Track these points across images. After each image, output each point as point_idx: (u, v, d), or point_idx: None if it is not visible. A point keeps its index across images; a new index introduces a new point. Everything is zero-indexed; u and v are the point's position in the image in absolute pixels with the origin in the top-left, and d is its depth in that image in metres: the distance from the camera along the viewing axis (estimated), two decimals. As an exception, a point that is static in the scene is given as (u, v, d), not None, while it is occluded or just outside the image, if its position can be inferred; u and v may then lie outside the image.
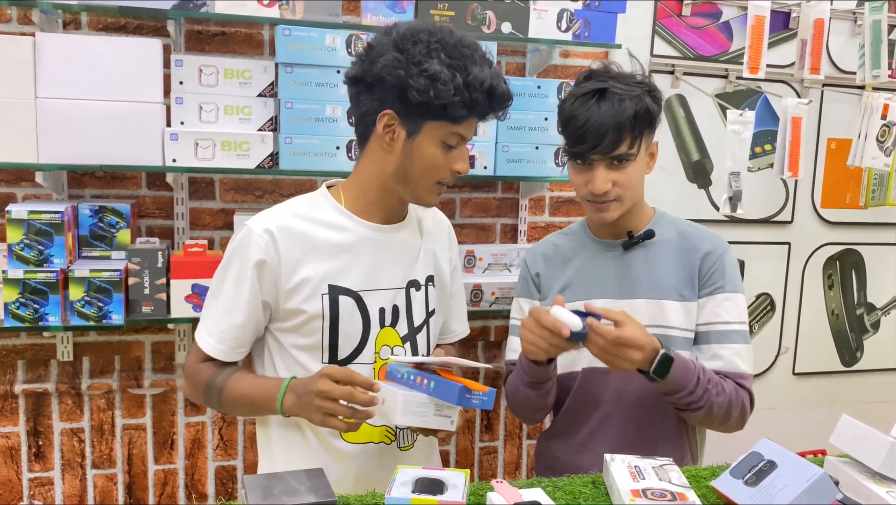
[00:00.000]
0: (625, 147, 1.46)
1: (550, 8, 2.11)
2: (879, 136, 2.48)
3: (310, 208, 1.39)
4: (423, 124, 1.30)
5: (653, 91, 1.50)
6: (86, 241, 1.95)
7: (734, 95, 2.59)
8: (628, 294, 1.55)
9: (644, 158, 1.52)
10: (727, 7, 2.55)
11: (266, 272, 1.33)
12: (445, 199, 2.38)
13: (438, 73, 1.25)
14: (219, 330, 1.37)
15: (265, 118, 1.98)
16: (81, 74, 1.82)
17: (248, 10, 1.90)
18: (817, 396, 2.93)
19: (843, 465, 1.25)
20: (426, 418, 1.25)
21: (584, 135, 1.45)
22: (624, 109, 1.44)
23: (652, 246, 1.57)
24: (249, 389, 1.35)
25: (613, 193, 1.49)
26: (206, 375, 1.38)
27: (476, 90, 1.27)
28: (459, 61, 1.27)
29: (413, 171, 1.34)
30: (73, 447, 2.15)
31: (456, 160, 1.35)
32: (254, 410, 1.38)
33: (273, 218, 1.35)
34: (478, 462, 2.53)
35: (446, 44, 1.28)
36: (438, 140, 1.32)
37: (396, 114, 1.30)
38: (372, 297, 1.38)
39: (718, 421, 1.50)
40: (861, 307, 2.95)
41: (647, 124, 1.48)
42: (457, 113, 1.28)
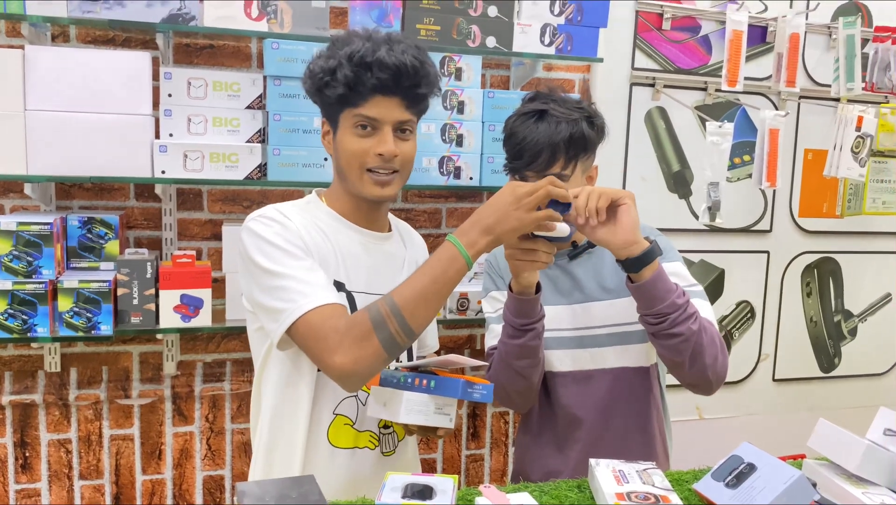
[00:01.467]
0: (558, 167, 1.52)
1: (534, 23, 2.15)
2: (854, 148, 2.55)
3: (303, 212, 1.41)
4: (339, 117, 1.37)
5: (592, 117, 1.56)
6: (74, 252, 1.96)
7: (713, 107, 2.65)
8: (581, 299, 1.62)
9: (580, 180, 1.57)
10: (706, 21, 2.61)
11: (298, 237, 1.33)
12: (432, 210, 2.41)
13: (312, 68, 1.35)
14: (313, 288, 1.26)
15: (253, 130, 2.00)
16: (70, 87, 1.83)
17: (236, 24, 1.92)
18: (797, 402, 2.98)
19: (820, 467, 1.29)
20: (428, 417, 1.29)
21: (520, 152, 1.53)
22: (559, 132, 1.51)
23: (594, 252, 1.64)
24: (422, 277, 1.24)
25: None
26: (363, 317, 1.22)
27: (345, 67, 1.30)
28: (343, 49, 1.32)
29: (342, 163, 1.39)
30: (61, 458, 2.15)
31: (377, 144, 1.34)
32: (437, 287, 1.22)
33: (278, 208, 1.38)
34: (464, 469, 2.56)
35: (338, 40, 1.35)
36: (350, 127, 1.36)
37: (325, 117, 1.41)
38: (360, 299, 1.40)
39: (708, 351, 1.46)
40: (838, 314, 3.01)
41: (582, 148, 1.54)
42: (336, 93, 1.32)
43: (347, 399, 1.41)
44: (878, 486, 1.22)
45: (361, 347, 1.21)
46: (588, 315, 1.61)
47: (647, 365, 1.64)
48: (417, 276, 1.25)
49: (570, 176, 1.54)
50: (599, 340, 1.61)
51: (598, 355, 1.61)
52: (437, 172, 2.12)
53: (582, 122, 1.53)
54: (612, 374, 1.61)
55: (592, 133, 1.55)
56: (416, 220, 2.40)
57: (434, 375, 1.31)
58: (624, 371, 1.61)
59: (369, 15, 2.02)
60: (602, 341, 1.61)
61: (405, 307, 1.21)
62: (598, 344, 1.61)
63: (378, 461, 1.45)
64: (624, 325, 1.60)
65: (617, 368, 1.61)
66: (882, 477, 1.23)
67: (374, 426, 1.45)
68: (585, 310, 1.61)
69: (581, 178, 1.57)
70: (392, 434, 1.48)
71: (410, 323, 1.22)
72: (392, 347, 1.23)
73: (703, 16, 2.60)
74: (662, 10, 2.54)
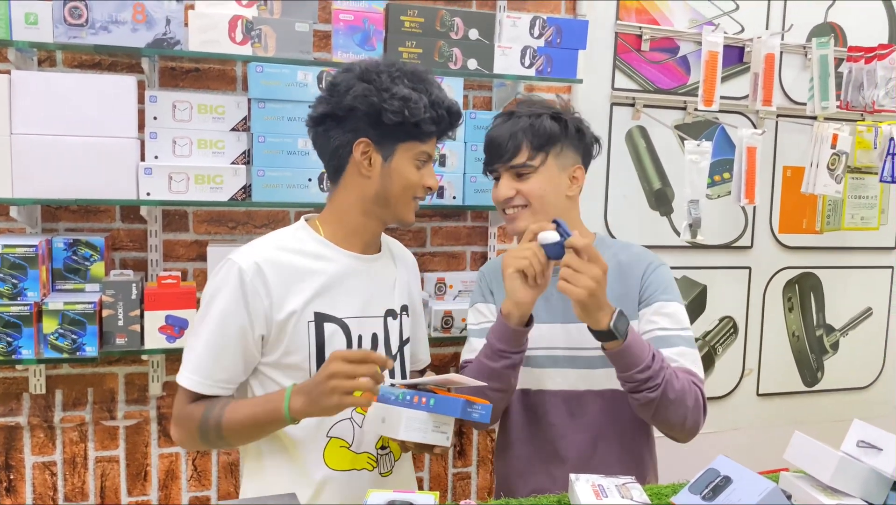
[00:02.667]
0: (523, 157, 1.59)
1: (514, 45, 2.19)
2: (830, 165, 2.60)
3: (292, 241, 1.43)
4: (397, 146, 1.40)
5: (559, 114, 1.62)
6: (60, 274, 1.97)
7: (693, 126, 2.70)
8: (571, 318, 1.58)
9: (554, 174, 1.60)
10: (684, 42, 2.66)
11: (258, 305, 1.35)
12: (416, 228, 2.44)
13: (409, 95, 1.36)
14: (208, 367, 1.36)
15: (238, 151, 2.02)
16: (56, 110, 1.85)
17: (220, 48, 1.95)
18: (781, 416, 3.00)
19: (797, 479, 1.31)
20: (426, 434, 1.32)
21: (487, 149, 1.65)
22: (519, 123, 1.59)
23: None
24: (250, 409, 1.34)
25: (518, 200, 1.60)
26: (199, 412, 1.36)
27: (440, 108, 1.41)
28: (421, 85, 1.39)
29: (393, 191, 1.42)
30: (45, 480, 2.14)
31: (426, 177, 1.45)
32: (257, 427, 1.34)
33: (258, 251, 1.39)
34: (451, 488, 2.56)
35: (405, 71, 1.40)
36: (411, 159, 1.42)
37: (371, 140, 1.39)
38: (355, 324, 1.43)
39: (674, 411, 1.48)
40: (820, 329, 3.05)
41: (547, 140, 1.59)
42: (427, 129, 1.40)
43: (342, 422, 1.43)
44: (852, 497, 1.24)
45: (185, 434, 1.39)
46: (581, 336, 1.57)
47: None
48: (249, 406, 1.34)
49: (536, 167, 1.59)
50: (592, 362, 1.61)
51: (590, 376, 1.62)
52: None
53: (545, 117, 1.60)
54: (603, 395, 1.62)
55: (556, 127, 1.60)
56: (401, 238, 2.40)
57: (434, 394, 1.32)
58: (614, 393, 1.60)
59: (352, 39, 2.06)
60: (594, 363, 1.61)
61: (227, 427, 1.34)
62: (590, 365, 1.61)
63: (376, 482, 1.46)
64: None
65: (607, 390, 1.61)
66: (856, 488, 1.25)
67: (372, 448, 1.46)
68: (579, 330, 1.57)
69: (558, 173, 1.61)
70: (389, 455, 1.49)
71: (228, 440, 1.37)
72: (208, 445, 1.40)
73: (681, 37, 2.65)
74: (641, 31, 2.59)
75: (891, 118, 2.73)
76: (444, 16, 2.12)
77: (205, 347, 1.36)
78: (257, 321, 1.35)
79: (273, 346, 1.38)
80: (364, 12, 2.06)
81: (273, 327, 1.37)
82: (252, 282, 1.35)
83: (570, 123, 1.62)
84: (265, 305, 1.35)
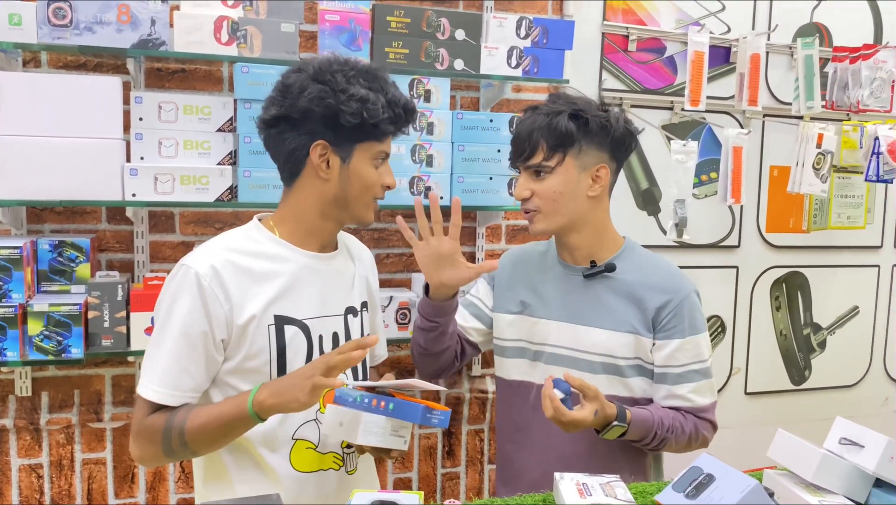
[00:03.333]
0: (539, 157, 1.57)
1: (500, 46, 2.20)
2: (815, 164, 2.61)
3: (247, 242, 1.40)
4: (355, 147, 1.38)
5: (579, 112, 1.57)
6: (45, 275, 1.96)
7: (680, 126, 2.71)
8: (582, 321, 1.62)
9: (572, 174, 1.58)
10: (671, 42, 2.67)
11: (217, 310, 1.32)
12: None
13: (366, 96, 1.33)
14: (170, 376, 1.32)
15: (224, 152, 2.02)
16: (41, 112, 1.84)
17: (206, 48, 1.95)
18: (769, 415, 3.02)
19: (780, 477, 1.32)
20: (384, 438, 1.32)
21: (511, 144, 1.64)
22: (536, 122, 1.57)
23: (612, 279, 1.63)
24: (214, 409, 1.31)
25: (533, 203, 1.60)
26: (160, 422, 1.31)
27: (397, 106, 1.38)
28: (377, 83, 1.37)
29: (352, 193, 1.40)
30: (32, 483, 2.13)
31: (384, 176, 1.43)
32: (222, 431, 1.31)
33: (213, 255, 1.35)
34: (440, 488, 2.56)
35: (360, 70, 1.37)
36: (370, 159, 1.40)
37: (328, 142, 1.37)
38: (315, 325, 1.41)
39: (678, 450, 1.64)
40: (808, 327, 3.06)
41: (564, 140, 1.56)
42: (386, 130, 1.39)
43: (307, 424, 1.42)
44: (834, 494, 1.25)
45: (146, 446, 1.34)
46: (586, 339, 1.62)
47: (638, 397, 1.64)
48: (214, 411, 1.31)
49: (552, 167, 1.57)
50: (593, 367, 1.62)
51: (592, 381, 1.60)
52: (407, 192, 2.15)
53: (563, 115, 1.56)
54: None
55: (573, 126, 1.55)
56: (388, 239, 2.42)
57: (393, 398, 1.31)
58: (613, 400, 1.60)
59: (338, 39, 2.06)
60: (595, 368, 1.62)
61: (190, 434, 1.30)
62: (591, 370, 1.62)
63: (342, 480, 1.46)
64: (616, 357, 1.61)
65: (608, 396, 1.60)
66: (838, 485, 1.26)
67: (338, 447, 1.46)
68: (583, 332, 1.62)
69: (577, 173, 1.58)
70: (354, 453, 1.49)
71: (192, 447, 1.32)
72: (171, 455, 1.34)
73: (667, 37, 2.66)
74: (628, 31, 2.60)
75: (876, 118, 2.75)
76: (431, 16, 2.13)
77: (169, 356, 1.31)
78: (218, 326, 1.32)
79: (234, 350, 1.35)
80: (350, 13, 2.06)
81: (234, 332, 1.34)
82: (210, 286, 1.31)
83: (593, 121, 1.57)
84: (225, 310, 1.32)
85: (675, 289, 1.61)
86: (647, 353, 1.61)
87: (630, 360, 1.61)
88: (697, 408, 1.62)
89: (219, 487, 1.42)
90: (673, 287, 1.61)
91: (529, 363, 1.69)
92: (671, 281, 1.62)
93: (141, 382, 1.34)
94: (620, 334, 1.60)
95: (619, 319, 1.61)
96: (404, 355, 2.46)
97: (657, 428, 1.55)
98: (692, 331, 1.60)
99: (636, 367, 1.62)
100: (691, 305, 1.61)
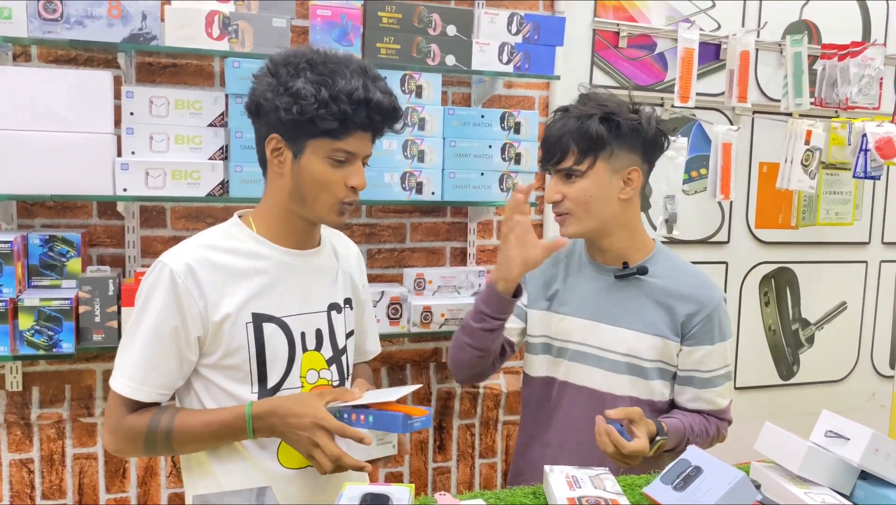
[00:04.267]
0: (569, 161, 1.56)
1: (492, 42, 2.20)
2: (804, 161, 2.63)
3: (225, 239, 1.39)
4: (307, 143, 1.32)
5: (611, 115, 1.55)
6: (36, 270, 1.96)
7: (670, 122, 2.72)
8: (609, 320, 1.63)
9: (603, 178, 1.56)
10: (661, 39, 2.68)
11: (191, 307, 1.31)
12: (396, 224, 2.45)
13: (300, 90, 1.27)
14: (140, 372, 1.31)
15: (216, 147, 2.02)
16: (32, 106, 1.84)
17: (197, 43, 1.95)
18: (757, 409, 3.03)
19: (766, 469, 1.33)
20: (371, 450, 1.32)
21: (541, 147, 1.62)
22: (567, 125, 1.55)
23: (643, 281, 1.63)
24: (206, 422, 1.32)
25: (564, 207, 1.59)
26: (142, 423, 1.31)
27: (344, 102, 1.28)
28: (326, 77, 1.29)
29: (305, 190, 1.35)
30: (23, 478, 2.13)
31: (349, 176, 1.35)
32: (213, 441, 1.35)
33: (190, 252, 1.34)
34: (431, 482, 2.57)
35: (314, 62, 1.31)
36: (323, 157, 1.32)
37: (281, 136, 1.33)
38: (295, 322, 1.40)
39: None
40: (796, 323, 3.09)
41: (595, 144, 1.54)
42: (328, 127, 1.29)
43: None
44: (820, 486, 1.26)
45: (123, 444, 1.35)
46: (612, 338, 1.63)
47: (657, 400, 1.65)
48: (207, 416, 1.33)
49: (584, 171, 1.56)
50: (617, 366, 1.63)
51: (613, 380, 1.63)
52: (399, 188, 2.16)
53: (594, 118, 1.54)
54: (622, 401, 1.63)
55: (604, 129, 1.53)
56: (380, 234, 2.43)
57: (371, 410, 1.31)
58: (632, 401, 1.63)
59: (330, 34, 2.06)
60: (619, 368, 1.63)
61: (177, 437, 1.32)
62: (615, 370, 1.63)
63: (331, 476, 1.45)
64: (641, 359, 1.63)
65: (627, 397, 1.63)
66: (824, 477, 1.27)
67: None
68: (610, 333, 1.63)
69: (609, 176, 1.57)
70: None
71: (176, 449, 1.34)
72: (151, 453, 1.37)
73: (658, 34, 2.67)
74: (619, 28, 2.61)
75: (864, 115, 2.77)
76: (422, 12, 2.13)
77: (140, 352, 1.31)
78: (192, 323, 1.31)
79: (211, 347, 1.35)
80: (342, 8, 2.06)
81: (209, 329, 1.32)
82: (185, 284, 1.30)
83: (624, 124, 1.54)
84: (199, 307, 1.31)
85: (706, 298, 1.62)
86: (672, 356, 1.63)
87: (654, 362, 1.63)
88: (720, 410, 1.66)
89: (204, 481, 1.41)
90: (704, 296, 1.62)
91: (553, 359, 1.70)
92: (702, 289, 1.64)
93: (113, 374, 1.34)
94: (647, 336, 1.62)
95: (646, 321, 1.62)
96: (396, 350, 2.47)
97: (688, 434, 1.58)
98: (721, 338, 1.63)
99: (658, 369, 1.64)
100: (721, 313, 1.64)
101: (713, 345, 1.62)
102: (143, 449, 1.34)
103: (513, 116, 2.24)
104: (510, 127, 2.24)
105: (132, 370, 1.32)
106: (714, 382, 1.64)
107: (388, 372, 2.46)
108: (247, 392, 1.37)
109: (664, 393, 1.66)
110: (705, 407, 1.65)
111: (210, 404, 1.38)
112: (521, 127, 2.25)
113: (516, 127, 2.25)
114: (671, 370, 1.65)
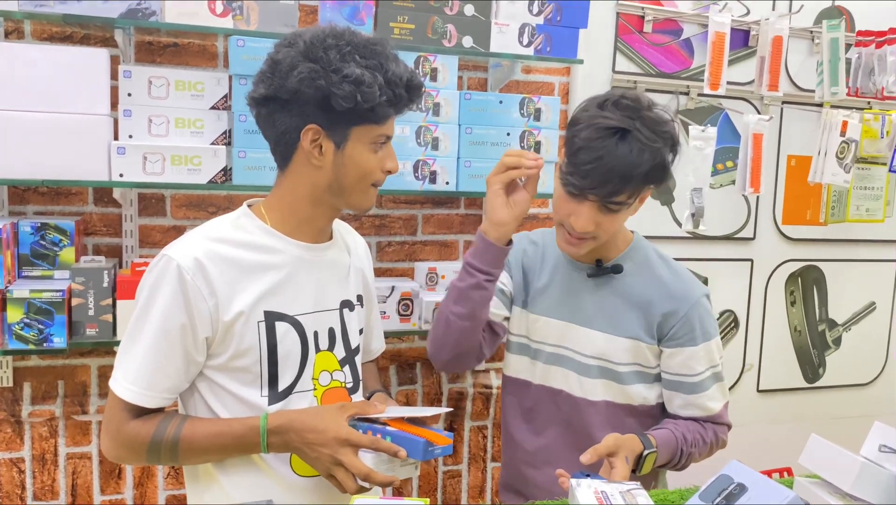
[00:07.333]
0: (623, 197, 1.40)
1: (512, 23, 2.08)
2: (839, 153, 2.51)
3: (234, 230, 1.29)
4: (350, 131, 1.25)
5: (676, 144, 1.43)
6: (27, 259, 1.85)
7: (695, 112, 2.60)
8: (582, 322, 1.55)
9: (636, 203, 1.47)
10: (687, 24, 2.56)
11: (200, 306, 1.22)
12: (407, 216, 2.33)
13: (361, 77, 1.19)
14: (145, 375, 1.23)
15: (218, 132, 1.91)
16: (24, 85, 1.73)
17: (199, 20, 1.83)
18: (781, 413, 2.92)
19: (812, 486, 1.22)
20: (396, 471, 1.26)
21: (589, 172, 1.36)
22: (640, 163, 1.36)
23: (617, 280, 1.55)
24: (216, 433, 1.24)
25: (592, 234, 1.45)
26: (146, 431, 1.23)
27: (398, 87, 1.24)
28: (375, 60, 1.22)
29: (348, 179, 1.28)
30: (13, 478, 2.03)
31: (386, 160, 1.31)
32: (223, 453, 1.27)
33: (197, 245, 1.24)
34: (441, 487, 2.47)
35: (357, 45, 1.23)
36: (368, 144, 1.27)
37: (321, 126, 1.23)
38: (308, 320, 1.32)
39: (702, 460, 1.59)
40: (823, 323, 2.96)
41: (658, 179, 1.42)
42: (384, 112, 1.25)
43: None
44: (873, 505, 1.15)
45: (124, 452, 1.27)
46: (585, 341, 1.55)
47: (637, 404, 1.57)
48: (217, 427, 1.25)
49: (629, 205, 1.43)
50: (588, 370, 1.55)
51: (588, 385, 1.56)
52: (412, 177, 2.04)
53: (665, 151, 1.39)
54: (596, 406, 1.56)
55: (670, 162, 1.42)
56: (391, 226, 2.31)
57: (395, 432, 1.24)
58: (609, 406, 1.56)
59: (340, 13, 1.94)
60: (591, 372, 1.55)
61: (184, 449, 1.24)
62: (587, 374, 1.56)
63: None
64: (615, 363, 1.54)
65: (602, 402, 1.56)
66: (878, 496, 1.16)
67: None
68: (585, 335, 1.55)
69: (637, 205, 1.48)
70: None
71: (181, 460, 1.27)
72: (155, 462, 1.28)
73: (684, 18, 2.54)
74: (644, 12, 2.49)
75: (898, 106, 2.64)
76: (438, -10, 2.01)
77: (145, 353, 1.22)
78: (200, 323, 1.22)
79: (219, 348, 1.26)
80: (353, -15, 1.95)
81: (219, 328, 1.24)
82: (193, 280, 1.20)
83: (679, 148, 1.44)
84: (209, 306, 1.22)
85: (683, 295, 1.52)
86: (649, 358, 1.54)
87: (629, 365, 1.54)
88: (714, 415, 1.57)
89: (210, 491, 1.33)
90: (681, 293, 1.52)
91: (530, 361, 1.63)
92: (679, 286, 1.53)
93: (114, 375, 1.25)
94: (620, 339, 1.53)
95: (620, 323, 1.53)
96: (405, 348, 2.36)
97: (682, 445, 1.50)
98: (704, 337, 1.53)
99: (635, 373, 1.55)
100: (701, 311, 1.53)
101: (696, 346, 1.52)
102: (146, 458, 1.26)
103: (533, 102, 2.12)
104: (530, 113, 2.12)
105: (136, 374, 1.23)
106: (703, 385, 1.54)
107: (396, 371, 2.35)
108: (256, 395, 1.28)
109: (646, 396, 1.57)
110: (698, 413, 1.55)
111: (216, 408, 1.28)
112: (541, 114, 2.13)
113: (536, 113, 2.13)
114: (651, 372, 1.55)
